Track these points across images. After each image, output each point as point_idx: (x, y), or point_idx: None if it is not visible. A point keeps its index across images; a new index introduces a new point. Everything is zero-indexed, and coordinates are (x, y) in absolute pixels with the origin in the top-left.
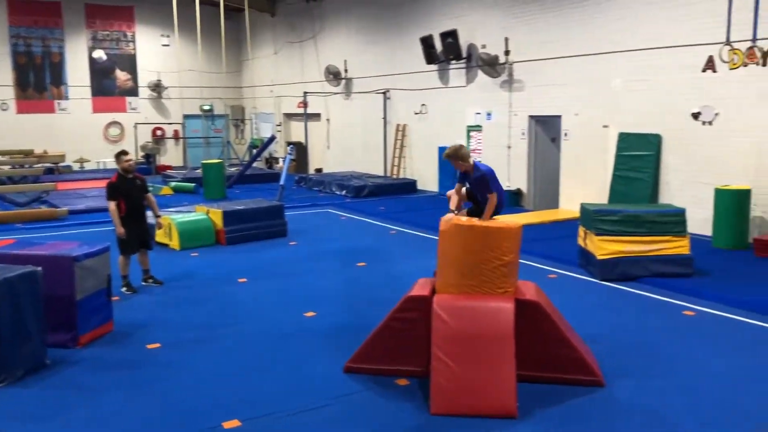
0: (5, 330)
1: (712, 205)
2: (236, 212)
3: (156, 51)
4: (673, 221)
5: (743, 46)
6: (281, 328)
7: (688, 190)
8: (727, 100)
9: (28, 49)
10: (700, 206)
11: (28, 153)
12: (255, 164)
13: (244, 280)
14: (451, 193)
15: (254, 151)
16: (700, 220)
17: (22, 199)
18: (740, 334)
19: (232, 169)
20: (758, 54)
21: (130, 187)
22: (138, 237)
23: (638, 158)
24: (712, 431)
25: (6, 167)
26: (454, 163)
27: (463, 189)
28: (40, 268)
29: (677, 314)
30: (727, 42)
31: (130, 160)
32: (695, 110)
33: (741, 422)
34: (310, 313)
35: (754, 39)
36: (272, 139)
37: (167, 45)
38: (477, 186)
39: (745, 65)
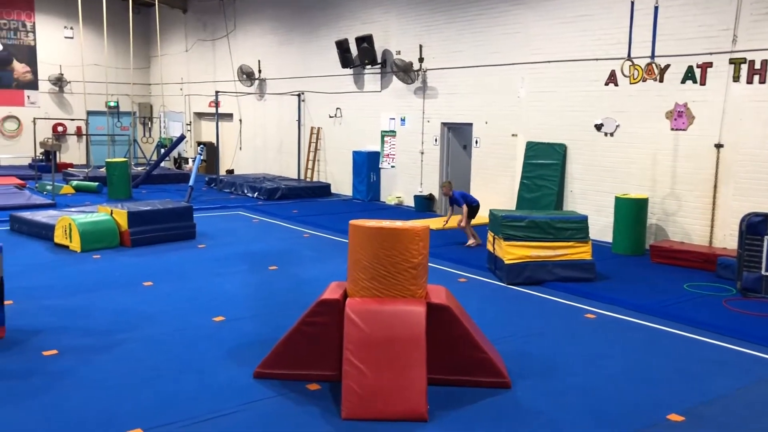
0: None
1: (613, 212)
2: (142, 213)
3: (58, 43)
4: (577, 228)
5: (642, 62)
6: (188, 332)
7: (591, 197)
8: (627, 113)
9: None
10: (601, 214)
11: None
12: (163, 164)
13: (150, 283)
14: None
15: (162, 150)
16: (601, 227)
17: None
18: (637, 335)
19: (139, 168)
20: (656, 70)
21: None
22: None
23: (545, 166)
24: (607, 430)
25: None
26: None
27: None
28: None
29: (579, 317)
30: (629, 57)
31: None
32: (598, 122)
33: (635, 420)
34: (219, 318)
35: (653, 56)
36: (182, 138)
37: (70, 37)
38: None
39: (644, 80)
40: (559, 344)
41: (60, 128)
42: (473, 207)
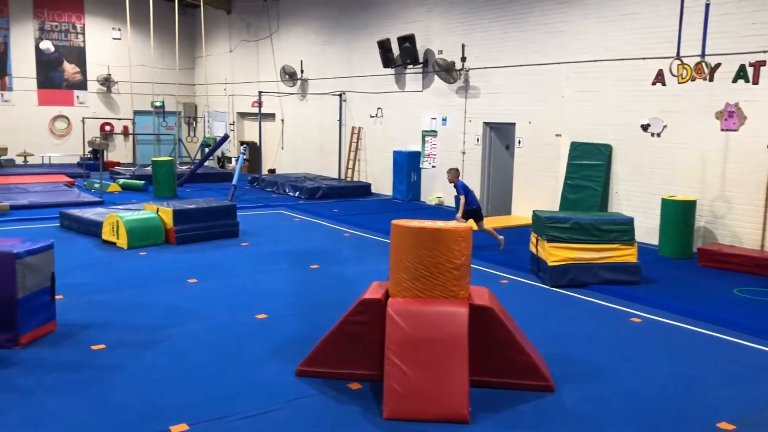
0: None
1: (659, 214)
2: (187, 211)
3: (106, 44)
4: (622, 230)
5: (691, 61)
6: (232, 329)
7: (636, 199)
8: (674, 113)
9: None
10: (648, 216)
11: None
12: (207, 163)
13: (194, 280)
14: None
15: (206, 149)
16: (647, 229)
17: None
18: (684, 341)
19: (184, 167)
20: (705, 69)
21: None
22: None
23: (589, 167)
24: None
25: None
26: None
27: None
28: None
29: (625, 321)
30: (678, 56)
31: None
32: (644, 122)
33: (684, 427)
34: (262, 315)
35: (703, 54)
36: (225, 138)
37: (118, 38)
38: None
39: (693, 79)
40: (603, 348)
41: (107, 127)
42: (474, 209)
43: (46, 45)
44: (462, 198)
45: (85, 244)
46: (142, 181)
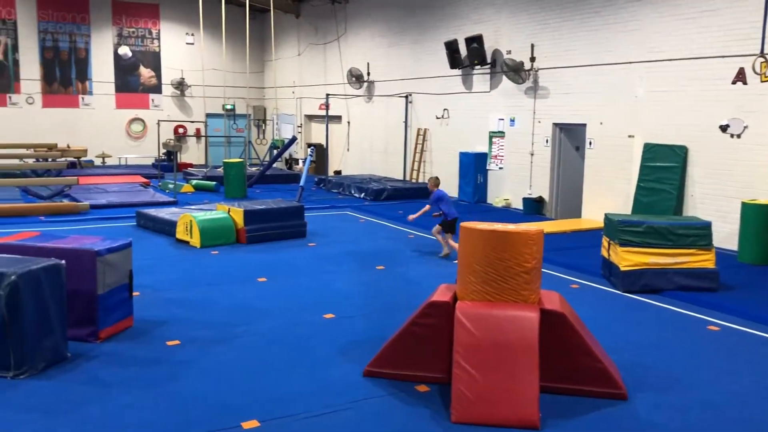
0: (29, 322)
1: (738, 219)
2: (257, 212)
3: (180, 49)
4: (699, 234)
5: None
6: (300, 328)
7: (713, 203)
8: (756, 113)
9: (55, 44)
10: (726, 220)
11: (51, 147)
12: (275, 165)
13: (264, 279)
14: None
15: (275, 151)
16: (726, 234)
17: (45, 193)
18: (767, 350)
19: (253, 168)
20: None
21: None
22: None
23: (663, 169)
24: None
25: (30, 160)
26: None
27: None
28: (63, 261)
29: (701, 329)
30: (762, 54)
31: None
32: (723, 123)
33: None
34: (329, 315)
35: None
36: (293, 140)
37: (191, 43)
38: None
39: None
40: (679, 357)
41: (181, 130)
42: (449, 221)
43: (124, 50)
44: (427, 207)
45: (160, 242)
46: (214, 182)
